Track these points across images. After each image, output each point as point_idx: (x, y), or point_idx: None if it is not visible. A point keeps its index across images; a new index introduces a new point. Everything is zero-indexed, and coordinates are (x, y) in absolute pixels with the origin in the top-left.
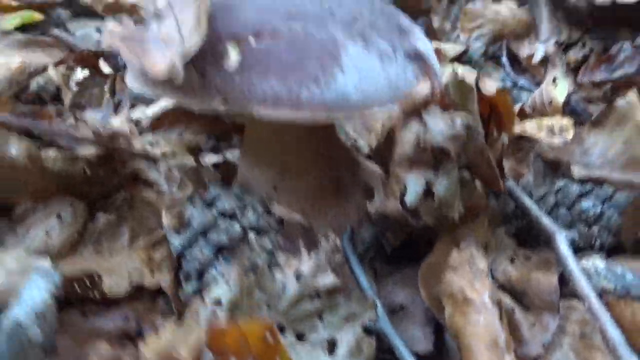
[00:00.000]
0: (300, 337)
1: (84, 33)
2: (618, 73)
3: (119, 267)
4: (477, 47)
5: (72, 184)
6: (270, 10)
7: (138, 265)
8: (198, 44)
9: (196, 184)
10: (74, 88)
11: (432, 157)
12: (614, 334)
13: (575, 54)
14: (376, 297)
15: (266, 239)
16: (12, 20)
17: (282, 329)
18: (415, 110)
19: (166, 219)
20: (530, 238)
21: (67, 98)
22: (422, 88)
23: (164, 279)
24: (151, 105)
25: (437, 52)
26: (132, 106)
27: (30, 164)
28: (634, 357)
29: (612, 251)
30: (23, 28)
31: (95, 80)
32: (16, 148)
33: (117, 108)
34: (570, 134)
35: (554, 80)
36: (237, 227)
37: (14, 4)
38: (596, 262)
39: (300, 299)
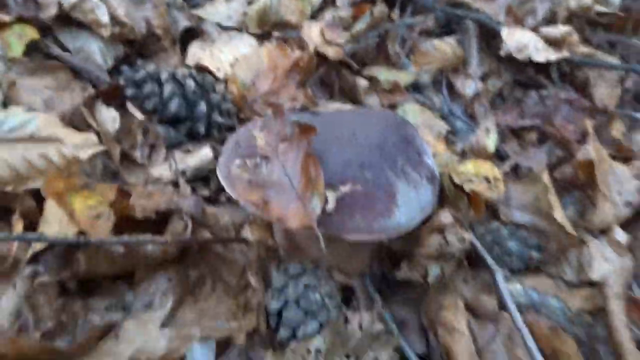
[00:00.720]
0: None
1: (79, 46)
2: (527, 122)
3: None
4: (425, 78)
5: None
6: (350, 163)
7: (230, 309)
8: (320, 209)
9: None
10: (112, 131)
11: (446, 256)
12: (527, 335)
13: (493, 84)
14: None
15: (334, 301)
16: (17, 44)
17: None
18: (437, 228)
19: (253, 279)
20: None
21: (116, 153)
22: (445, 217)
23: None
24: (190, 155)
25: (395, 83)
26: (168, 147)
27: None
28: (538, 351)
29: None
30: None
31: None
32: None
33: (150, 152)
34: (501, 186)
35: (487, 130)
36: (317, 296)
37: (7, 19)
38: (516, 285)
39: (361, 339)
